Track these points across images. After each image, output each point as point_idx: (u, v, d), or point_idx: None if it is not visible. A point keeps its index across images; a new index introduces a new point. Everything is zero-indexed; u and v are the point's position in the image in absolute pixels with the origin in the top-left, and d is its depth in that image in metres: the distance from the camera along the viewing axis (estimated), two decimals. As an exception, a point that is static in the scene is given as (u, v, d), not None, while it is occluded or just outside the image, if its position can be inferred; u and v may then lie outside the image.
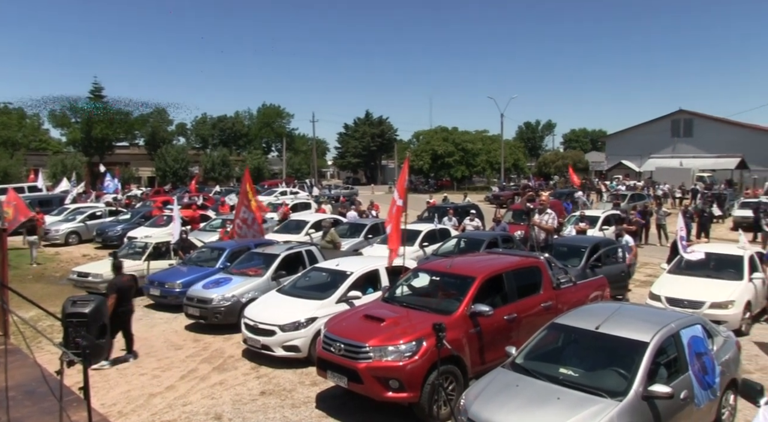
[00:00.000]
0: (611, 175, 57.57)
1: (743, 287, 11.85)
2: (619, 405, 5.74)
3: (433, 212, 23.49)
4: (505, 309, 8.73)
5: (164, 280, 14.19)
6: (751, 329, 11.82)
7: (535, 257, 10.29)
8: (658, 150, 57.08)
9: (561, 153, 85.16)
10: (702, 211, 25.11)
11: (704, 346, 7.11)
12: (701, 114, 58.17)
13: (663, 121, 58.81)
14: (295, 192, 44.51)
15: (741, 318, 11.41)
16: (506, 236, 16.80)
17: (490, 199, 44.62)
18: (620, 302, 10.65)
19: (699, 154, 54.16)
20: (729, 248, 13.83)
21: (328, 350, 8.16)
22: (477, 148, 67.52)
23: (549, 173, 69.98)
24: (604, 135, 76.76)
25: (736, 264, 12.56)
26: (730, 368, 7.51)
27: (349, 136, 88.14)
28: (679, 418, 6.31)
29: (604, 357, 6.67)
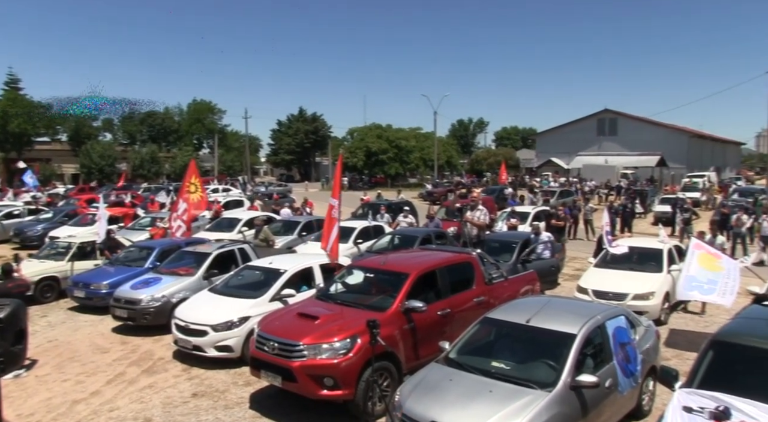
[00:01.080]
0: (541, 172, 59.18)
1: (662, 279, 12.42)
2: (549, 396, 5.90)
3: (367, 209, 23.50)
4: (439, 305, 8.81)
5: (89, 281, 13.63)
6: (669, 318, 12.41)
7: (467, 253, 10.44)
8: (585, 148, 59.04)
9: (493, 150, 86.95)
10: (624, 206, 26.14)
11: (627, 336, 7.40)
12: (625, 114, 60.58)
13: (589, 120, 60.93)
14: (228, 189, 43.67)
15: (660, 308, 11.97)
16: (439, 232, 16.99)
17: (424, 195, 45.07)
18: (549, 296, 10.94)
19: (623, 152, 56.36)
20: (650, 242, 14.47)
21: (261, 349, 8.04)
22: (411, 145, 68.03)
23: (481, 170, 71.34)
24: (534, 133, 78.67)
25: (656, 257, 13.15)
26: (650, 356, 7.86)
27: (283, 133, 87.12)
28: (604, 405, 6.57)
29: (535, 349, 6.84)
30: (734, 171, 67.23)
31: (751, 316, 6.92)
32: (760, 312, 6.99)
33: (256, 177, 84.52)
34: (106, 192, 36.24)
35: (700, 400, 5.43)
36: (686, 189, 39.25)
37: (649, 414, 7.65)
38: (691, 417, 5.27)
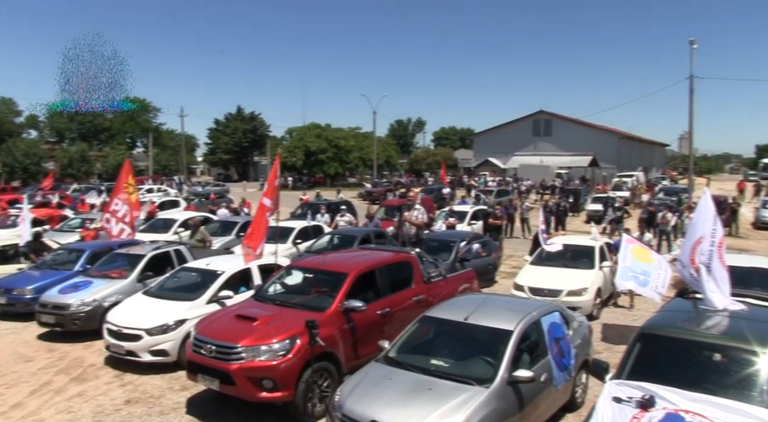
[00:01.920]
0: (479, 171, 60.18)
1: (594, 275, 12.86)
2: (487, 392, 6.02)
3: (306, 209, 23.38)
4: (378, 304, 8.84)
5: (12, 286, 12.96)
6: (601, 313, 12.84)
7: (406, 252, 10.52)
8: (521, 148, 60.39)
9: (432, 150, 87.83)
10: (558, 205, 26.92)
11: (562, 331, 7.62)
12: (559, 115, 62.31)
13: (525, 120, 62.38)
14: (163, 189, 42.55)
15: (593, 303, 12.38)
16: (379, 232, 17.06)
17: (363, 195, 45.12)
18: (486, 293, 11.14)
19: (557, 152, 57.95)
20: (583, 239, 14.95)
21: (198, 352, 7.86)
22: (350, 144, 68.00)
23: (420, 170, 71.95)
24: (472, 133, 79.87)
25: (588, 254, 13.60)
26: (583, 350, 8.13)
27: (220, 132, 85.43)
28: (539, 399, 6.75)
29: (473, 346, 6.95)
30: (660, 171, 70.11)
31: (675, 309, 7.25)
32: (682, 305, 7.34)
33: (192, 177, 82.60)
34: (31, 192, 34.67)
35: (628, 390, 5.64)
36: (616, 188, 40.71)
37: (582, 406, 7.88)
38: (620, 407, 5.46)
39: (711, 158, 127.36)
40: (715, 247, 7.40)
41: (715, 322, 6.64)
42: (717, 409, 5.19)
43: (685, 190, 36.07)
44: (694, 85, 34.02)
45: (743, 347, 5.86)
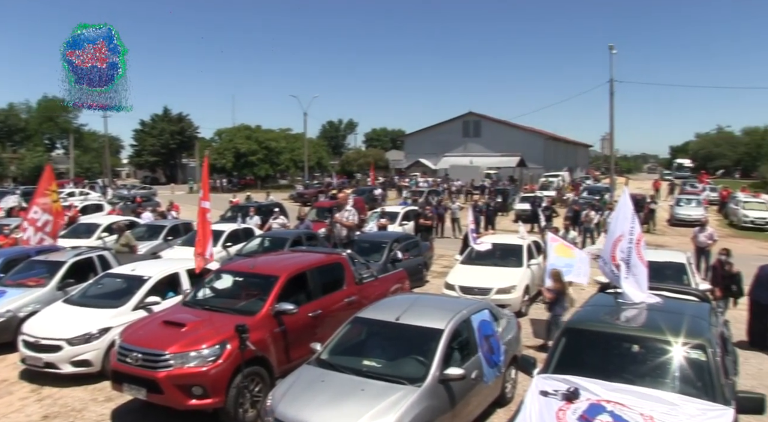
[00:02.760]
0: (410, 172, 60.75)
1: (523, 273, 13.21)
2: (419, 391, 6.08)
3: (236, 211, 23.01)
4: (310, 307, 8.80)
5: None
6: (529, 309, 13.20)
7: (337, 254, 10.51)
8: (451, 149, 61.38)
9: (363, 151, 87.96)
10: (487, 204, 27.50)
11: (491, 329, 7.80)
12: (488, 116, 63.71)
13: (455, 122, 63.46)
14: (86, 193, 40.86)
15: (521, 300, 12.72)
16: (310, 234, 16.96)
17: (295, 197, 44.77)
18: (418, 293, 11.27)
19: (486, 152, 59.24)
20: (511, 238, 15.34)
21: (123, 361, 7.59)
22: (281, 146, 67.21)
23: (352, 171, 71.98)
24: (403, 134, 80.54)
25: (516, 252, 13.96)
26: (512, 346, 8.34)
27: (146, 133, 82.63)
28: (470, 396, 6.89)
29: (405, 346, 7.01)
30: (584, 171, 72.79)
31: (597, 304, 7.57)
32: (604, 300, 7.67)
33: (117, 179, 79.62)
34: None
35: (554, 384, 5.85)
36: (544, 188, 41.96)
37: (512, 401, 8.08)
38: (546, 400, 5.65)
39: (630, 158, 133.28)
40: (633, 244, 7.76)
41: (634, 315, 6.96)
42: (635, 397, 5.48)
43: (607, 188, 37.59)
44: (614, 89, 35.49)
45: (658, 338, 6.18)
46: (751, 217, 29.60)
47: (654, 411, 5.27)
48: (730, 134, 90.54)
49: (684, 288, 9.08)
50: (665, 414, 5.23)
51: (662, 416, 5.21)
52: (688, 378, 5.81)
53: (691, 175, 62.54)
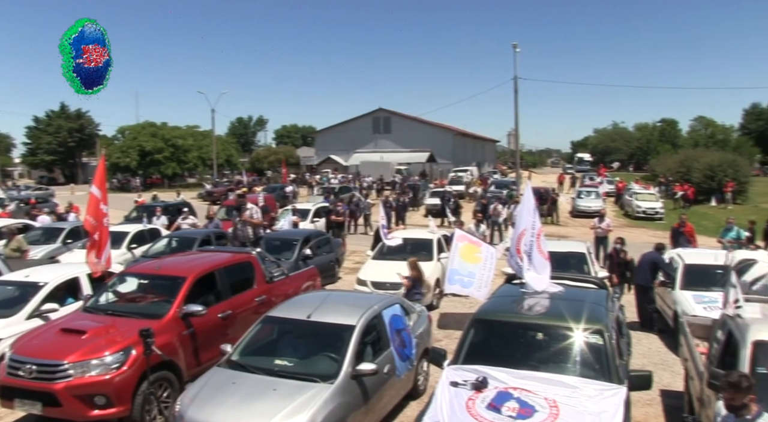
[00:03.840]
0: (321, 169, 60.50)
1: (433, 266, 13.44)
2: (331, 388, 6.08)
3: (142, 211, 22.14)
4: (219, 307, 8.60)
5: None
6: (440, 302, 13.46)
7: (247, 253, 10.33)
8: (362, 145, 61.56)
9: (273, 148, 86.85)
10: (398, 200, 27.78)
11: (403, 323, 7.89)
12: (398, 113, 64.33)
13: (365, 118, 63.66)
14: (-30, 194, 38.02)
15: (432, 293, 12.94)
16: (219, 233, 16.56)
17: (203, 195, 43.60)
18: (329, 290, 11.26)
19: (396, 148, 59.84)
20: (421, 233, 15.58)
21: (15, 375, 7.08)
22: (188, 143, 65.16)
23: (262, 168, 70.90)
24: (313, 131, 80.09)
25: (427, 246, 14.19)
26: (423, 339, 8.48)
27: (42, 131, 77.69)
28: (384, 390, 6.96)
29: (317, 344, 6.99)
30: (491, 165, 75.03)
31: (504, 295, 7.84)
32: (510, 291, 7.95)
33: (9, 180, 74.56)
34: None
35: (464, 374, 6.01)
36: (453, 182, 42.89)
37: (425, 393, 8.21)
38: (456, 390, 5.80)
39: (535, 153, 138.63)
40: (534, 238, 8.09)
41: (537, 304, 7.26)
42: (539, 383, 5.73)
43: (513, 182, 38.89)
44: (518, 86, 36.72)
45: (560, 325, 6.48)
46: (643, 208, 31.52)
47: (557, 394, 5.52)
48: (625, 130, 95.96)
49: (584, 277, 9.57)
50: (567, 397, 5.50)
51: (564, 399, 5.47)
52: (588, 361, 6.13)
53: (590, 169, 65.87)
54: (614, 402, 5.48)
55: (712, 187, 37.42)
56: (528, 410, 5.37)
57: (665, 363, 9.76)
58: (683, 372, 7.90)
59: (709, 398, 5.58)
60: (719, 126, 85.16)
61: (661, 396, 8.41)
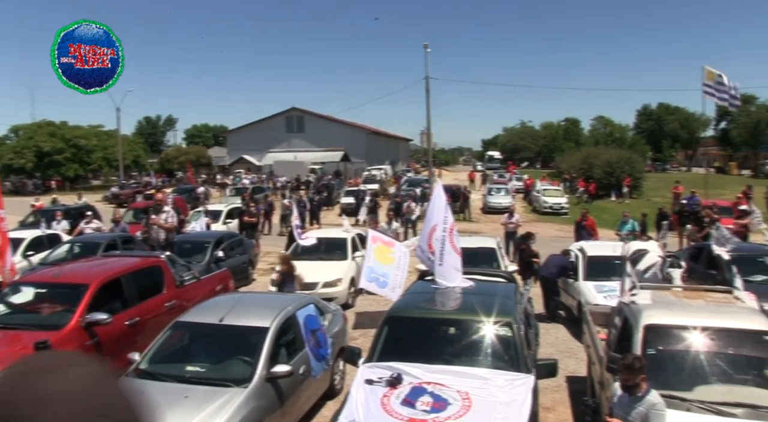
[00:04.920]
0: (234, 169, 59.27)
1: (348, 266, 13.49)
2: (245, 392, 5.98)
3: (40, 216, 20.93)
4: (126, 315, 8.28)
5: None
6: (355, 301, 13.51)
7: (155, 257, 9.99)
8: (275, 145, 60.77)
9: (184, 149, 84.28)
10: (312, 199, 27.65)
11: (317, 323, 7.88)
12: (311, 112, 63.95)
13: (278, 117, 62.89)
14: None
15: (347, 293, 13.00)
16: (126, 237, 15.91)
17: (109, 198, 41.73)
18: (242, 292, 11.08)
19: (310, 148, 59.47)
20: (336, 232, 15.59)
21: None
22: (92, 144, 62.04)
23: (172, 169, 68.71)
24: (225, 130, 78.28)
25: (341, 246, 14.22)
26: (339, 338, 8.50)
27: None
28: (300, 391, 6.92)
29: (230, 347, 6.87)
30: (405, 164, 75.92)
31: (416, 291, 7.98)
32: (423, 287, 8.10)
33: None
34: None
35: (378, 371, 6.07)
36: (367, 181, 43.10)
37: (342, 392, 8.21)
38: (371, 388, 5.85)
39: (448, 151, 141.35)
40: (446, 233, 8.27)
41: (449, 300, 7.44)
42: (452, 376, 5.86)
43: (426, 180, 39.54)
44: (430, 85, 37.33)
45: (471, 319, 6.66)
46: (549, 203, 32.90)
47: (469, 387, 5.68)
48: (532, 128, 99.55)
49: (494, 271, 9.86)
50: (478, 389, 5.67)
51: (476, 390, 5.63)
52: (498, 353, 6.35)
53: (500, 166, 67.95)
54: (523, 391, 5.70)
55: (611, 182, 39.47)
56: (441, 403, 5.49)
57: (570, 350, 10.22)
58: (586, 359, 8.31)
59: (608, 380, 5.90)
60: (616, 125, 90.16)
61: (567, 382, 8.80)
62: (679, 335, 5.95)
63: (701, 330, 5.82)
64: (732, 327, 5.95)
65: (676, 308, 6.48)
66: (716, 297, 6.99)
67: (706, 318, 6.05)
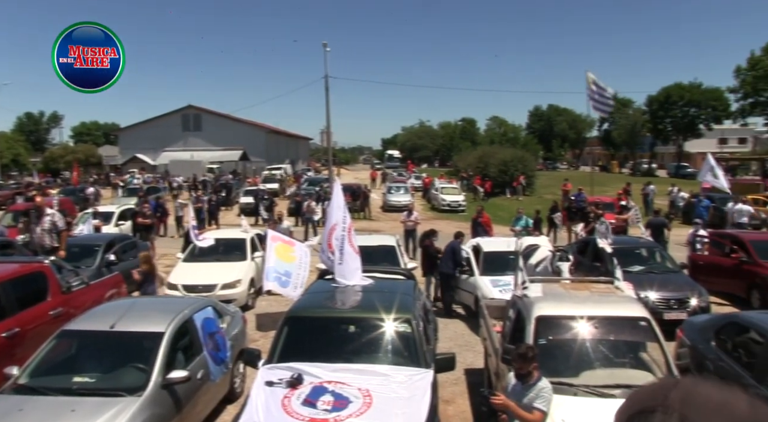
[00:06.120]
0: (126, 169, 56.68)
1: (247, 266, 13.26)
2: (139, 401, 5.74)
3: None
4: (4, 326, 7.67)
5: None
6: (256, 302, 13.30)
7: (38, 262, 9.36)
8: (171, 143, 58.79)
9: (71, 147, 79.57)
10: (210, 199, 26.88)
11: (215, 326, 7.69)
12: (208, 110, 62.34)
13: (174, 115, 60.84)
14: None
15: (247, 294, 12.78)
16: (5, 241, 14.81)
17: (-15, 200, 38.73)
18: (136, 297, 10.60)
19: (208, 147, 57.98)
20: (234, 232, 15.27)
21: None
22: (-36, 141, 57.55)
23: (58, 169, 64.77)
24: (117, 128, 74.71)
25: (240, 246, 13.95)
26: (238, 341, 8.34)
27: None
28: (198, 397, 6.74)
29: (123, 355, 6.58)
30: (305, 163, 75.50)
31: (316, 290, 7.97)
32: (323, 286, 8.11)
33: None
34: None
35: (279, 373, 6.01)
36: (266, 180, 42.45)
37: (242, 395, 8.07)
38: (272, 389, 5.78)
39: (348, 150, 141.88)
40: (345, 232, 8.31)
41: (349, 298, 7.49)
42: (353, 374, 5.91)
43: (327, 179, 39.48)
44: (329, 84, 37.26)
45: (371, 316, 6.74)
46: (447, 201, 33.72)
47: (370, 384, 5.74)
48: (430, 128, 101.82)
49: (393, 269, 10.00)
50: (379, 385, 5.74)
51: (377, 387, 5.70)
52: (398, 349, 6.46)
53: (400, 165, 68.96)
54: (423, 386, 5.82)
55: (505, 180, 41.00)
56: (342, 402, 5.51)
57: (468, 344, 10.55)
58: (483, 351, 8.61)
59: (503, 371, 6.15)
60: (510, 125, 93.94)
61: (465, 374, 9.07)
62: (567, 325, 6.33)
63: (587, 319, 6.23)
64: (612, 315, 6.40)
65: (564, 299, 6.87)
66: (600, 287, 7.45)
67: (591, 308, 6.47)
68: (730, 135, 79.83)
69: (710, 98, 66.75)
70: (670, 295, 11.07)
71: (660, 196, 31.09)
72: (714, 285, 13.23)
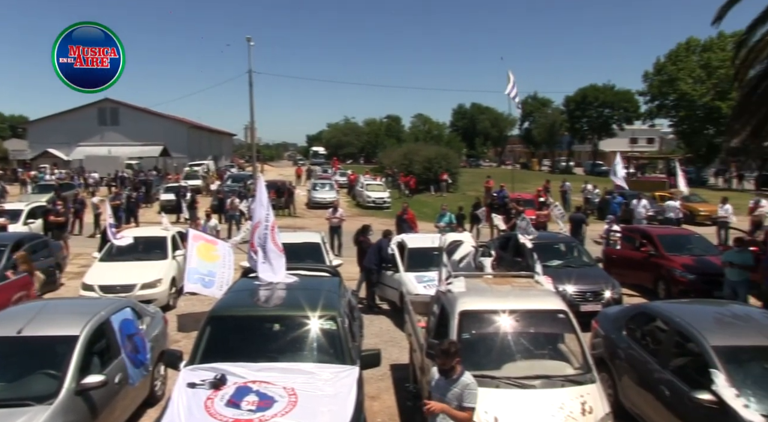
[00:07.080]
0: (37, 164, 53.78)
1: (168, 265, 12.88)
2: (50, 409, 5.49)
3: None
4: None
5: None
6: (177, 302, 12.94)
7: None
8: (86, 138, 56.26)
9: (-28, 140, 74.76)
10: (129, 196, 25.92)
11: (134, 327, 7.44)
12: (127, 103, 59.91)
13: (89, 108, 58.04)
14: None
15: (168, 294, 12.42)
16: None
17: None
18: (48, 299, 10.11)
19: (126, 142, 55.79)
20: (154, 230, 14.79)
21: None
22: None
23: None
24: (26, 121, 70.67)
25: (160, 245, 13.53)
26: (159, 342, 8.11)
27: None
28: (116, 401, 6.52)
29: (32, 362, 6.25)
30: (229, 159, 73.97)
31: (240, 289, 7.84)
32: (246, 285, 7.98)
33: None
34: None
35: (201, 374, 5.87)
36: (188, 177, 41.32)
37: (163, 398, 7.85)
38: (194, 391, 5.64)
39: (273, 146, 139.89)
40: (268, 230, 8.21)
41: (273, 296, 7.40)
42: (278, 373, 5.85)
43: (251, 176, 38.84)
44: (254, 79, 36.60)
45: (295, 314, 6.69)
46: (372, 198, 33.89)
47: (295, 382, 5.70)
48: (355, 125, 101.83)
49: (318, 266, 9.96)
50: (304, 384, 5.71)
51: (302, 386, 5.67)
52: (323, 347, 6.44)
53: (325, 162, 68.68)
54: (348, 383, 5.83)
55: (430, 177, 41.54)
56: (267, 401, 5.45)
57: (394, 340, 10.64)
58: (408, 347, 8.70)
59: (427, 366, 6.24)
60: (434, 123, 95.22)
61: (391, 370, 9.15)
62: (489, 319, 6.50)
63: (509, 313, 6.42)
64: (533, 308, 6.62)
65: (486, 294, 7.03)
66: (520, 282, 7.68)
67: (512, 302, 6.66)
68: (640, 135, 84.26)
69: (622, 100, 69.84)
70: (586, 288, 11.57)
71: (574, 193, 32.42)
72: (626, 277, 13.98)
